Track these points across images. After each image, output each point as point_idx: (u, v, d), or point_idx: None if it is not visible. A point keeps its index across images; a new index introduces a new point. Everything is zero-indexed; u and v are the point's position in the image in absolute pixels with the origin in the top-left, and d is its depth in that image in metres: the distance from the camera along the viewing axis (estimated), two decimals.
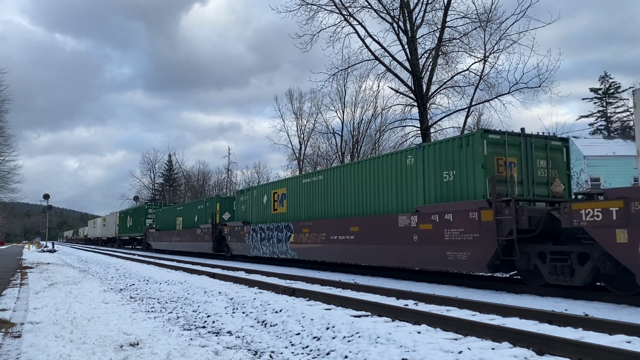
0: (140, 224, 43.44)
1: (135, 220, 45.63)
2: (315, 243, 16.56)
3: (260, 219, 21.01)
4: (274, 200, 20.08)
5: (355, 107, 41.22)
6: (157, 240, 37.81)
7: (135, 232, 45.64)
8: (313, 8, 22.78)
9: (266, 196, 20.71)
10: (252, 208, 21.86)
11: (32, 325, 7.19)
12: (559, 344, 4.94)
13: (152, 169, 73.72)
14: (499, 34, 20.53)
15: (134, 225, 46.22)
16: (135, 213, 47.15)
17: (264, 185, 21.96)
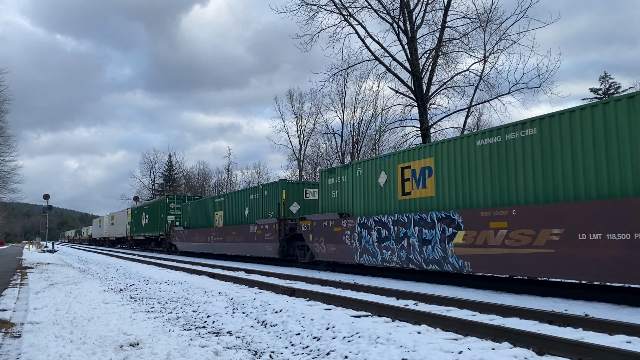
0: (160, 221, 36.08)
1: (153, 217, 38.45)
2: (524, 247, 9.57)
3: (374, 209, 14.33)
4: (402, 179, 13.37)
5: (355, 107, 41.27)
6: (187, 241, 30.51)
7: (153, 230, 38.58)
8: (313, 8, 22.83)
9: (384, 174, 14.05)
10: (355, 193, 15.21)
11: (32, 325, 7.19)
12: (559, 344, 4.94)
13: (152, 169, 73.75)
14: (499, 34, 20.60)
15: (151, 223, 39.10)
16: (152, 209, 39.52)
17: (378, 159, 14.62)
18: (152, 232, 38.57)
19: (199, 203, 30.69)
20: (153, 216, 38.44)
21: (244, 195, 23.82)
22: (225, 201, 25.97)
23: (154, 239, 38.86)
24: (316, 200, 18.53)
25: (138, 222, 43.66)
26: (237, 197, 24.75)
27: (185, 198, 35.88)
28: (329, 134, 43.89)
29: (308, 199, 20.40)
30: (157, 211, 37.33)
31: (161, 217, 36.00)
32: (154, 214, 38.34)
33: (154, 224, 37.86)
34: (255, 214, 21.96)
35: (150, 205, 41.18)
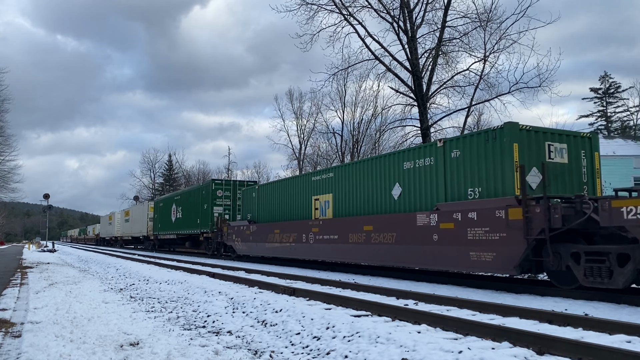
0: (203, 214, 27.06)
1: (191, 210, 29.55)
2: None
3: None
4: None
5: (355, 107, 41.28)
6: (255, 240, 21.26)
7: (189, 227, 29.39)
8: (313, 8, 22.79)
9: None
10: None
11: (32, 325, 7.19)
12: (559, 344, 4.94)
13: (152, 168, 73.68)
14: (499, 33, 20.55)
15: (187, 218, 30.17)
16: (189, 199, 30.38)
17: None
18: (188, 229, 29.73)
19: (279, 185, 20.55)
20: (190, 208, 29.68)
21: (386, 163, 13.79)
22: (341, 176, 16.00)
23: (191, 237, 30.34)
24: (566, 164, 10.88)
25: (165, 217, 34.88)
26: (370, 167, 14.54)
27: (238, 183, 27.71)
28: (329, 134, 43.94)
29: (554, 161, 10.73)
30: (197, 201, 28.36)
31: (204, 209, 27.14)
32: (191, 205, 29.58)
33: (192, 218, 29.03)
34: (424, 193, 12.39)
35: (185, 195, 31.80)
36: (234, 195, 26.70)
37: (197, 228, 28.10)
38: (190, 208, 29.85)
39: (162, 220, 35.75)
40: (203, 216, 27.23)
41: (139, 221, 43.07)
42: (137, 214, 44.55)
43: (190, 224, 29.36)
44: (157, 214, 37.37)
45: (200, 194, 28.27)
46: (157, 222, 37.29)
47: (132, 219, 46.08)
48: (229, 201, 26.69)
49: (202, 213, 27.30)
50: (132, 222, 46.29)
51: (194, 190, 30.66)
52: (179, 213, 31.87)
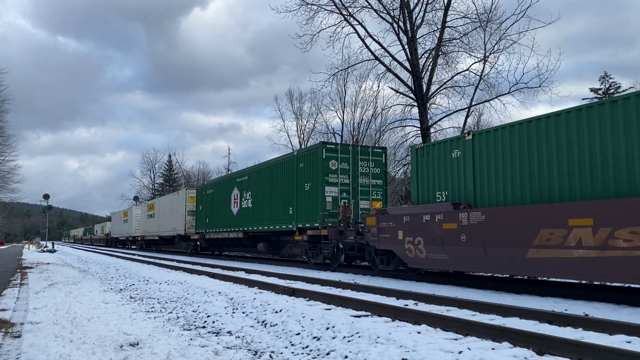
0: (303, 199, 17.82)
1: (272, 194, 19.98)
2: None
3: None
4: None
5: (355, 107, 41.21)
6: (492, 243, 9.88)
7: (271, 221, 19.94)
8: (313, 8, 22.83)
9: None
10: None
11: (32, 325, 7.19)
12: (559, 344, 4.94)
13: (152, 169, 73.53)
14: (499, 34, 20.59)
15: (265, 207, 20.60)
16: (267, 178, 20.70)
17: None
18: (267, 224, 20.01)
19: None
20: (272, 191, 19.83)
21: None
22: None
23: (272, 237, 20.71)
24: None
25: (218, 208, 25.56)
26: None
27: (360, 150, 17.44)
28: (329, 134, 43.89)
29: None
30: (288, 180, 18.77)
31: (304, 192, 17.59)
32: (274, 187, 19.76)
33: (275, 206, 19.49)
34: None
35: (258, 173, 21.44)
36: (353, 168, 16.86)
37: (289, 222, 18.30)
38: (271, 191, 19.85)
39: (213, 212, 26.16)
40: (304, 202, 17.47)
41: (170, 216, 32.75)
42: (167, 207, 34.09)
43: (272, 216, 19.62)
44: (203, 205, 27.64)
45: (294, 167, 18.33)
46: (202, 215, 27.58)
47: (160, 213, 35.75)
48: (346, 178, 16.67)
49: (302, 197, 17.62)
50: (159, 217, 35.90)
51: (279, 163, 19.60)
52: (247, 201, 22.04)
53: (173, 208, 32.80)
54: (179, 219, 31.27)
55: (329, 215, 16.07)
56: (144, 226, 42.08)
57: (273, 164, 20.49)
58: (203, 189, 28.75)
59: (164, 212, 35.04)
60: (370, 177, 17.16)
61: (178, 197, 32.33)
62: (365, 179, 17.14)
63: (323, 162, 16.67)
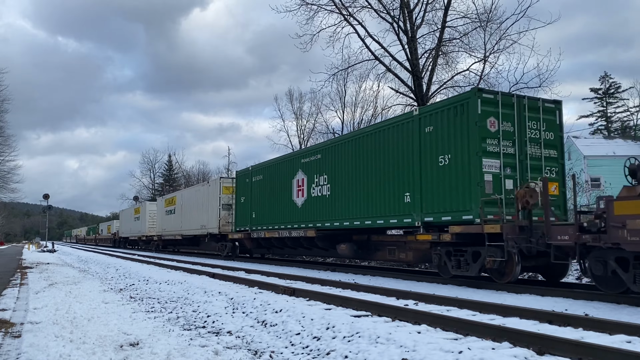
0: (432, 182, 11.79)
1: (367, 176, 14.10)
2: None
3: None
4: None
5: (355, 107, 41.18)
6: None
7: (368, 212, 13.92)
8: (313, 8, 22.76)
9: None
10: None
11: (32, 325, 7.18)
12: (559, 344, 4.94)
13: (152, 169, 73.49)
14: (499, 34, 20.52)
15: (358, 194, 14.43)
16: (353, 153, 14.80)
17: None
18: (362, 217, 14.33)
19: None
20: (376, 170, 13.81)
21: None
22: None
23: (358, 234, 15.25)
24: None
25: (271, 198, 19.75)
26: None
27: (543, 103, 11.90)
28: (329, 134, 43.87)
29: None
30: (410, 149, 12.60)
31: (440, 168, 11.67)
32: (382, 161, 13.58)
33: (382, 193, 13.50)
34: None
35: (345, 145, 15.47)
36: (519, 131, 11.40)
37: (404, 214, 12.62)
38: (365, 172, 14.11)
39: (263, 205, 20.35)
40: (435, 184, 11.79)
41: (198, 211, 27.52)
42: (194, 201, 28.69)
43: (369, 207, 13.89)
44: (247, 196, 21.87)
45: (413, 133, 12.46)
46: (245, 209, 21.97)
47: (184, 208, 30.54)
48: (510, 146, 11.22)
49: (431, 176, 11.89)
50: (182, 213, 30.68)
51: (381, 131, 13.71)
52: (320, 187, 16.31)
53: (202, 202, 27.17)
54: (210, 215, 25.58)
55: (488, 203, 10.57)
56: (161, 224, 35.88)
57: (370, 133, 14.26)
58: (246, 175, 22.28)
59: (189, 207, 29.48)
60: (541, 146, 11.59)
61: (209, 189, 26.54)
62: (536, 148, 11.52)
63: (479, 119, 10.82)
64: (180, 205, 31.65)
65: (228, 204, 24.66)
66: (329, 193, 16.02)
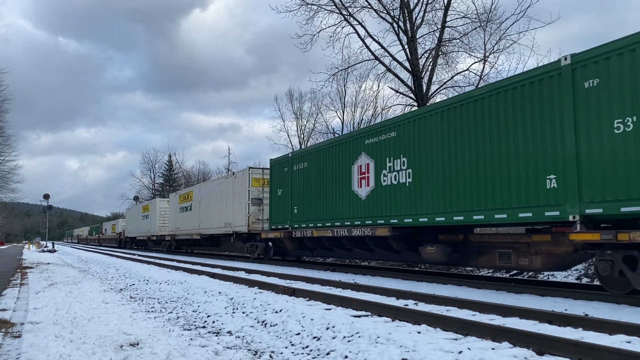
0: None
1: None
2: None
3: None
4: None
5: (355, 107, 41.18)
6: None
7: (508, 204, 9.67)
8: (313, 8, 22.79)
9: None
10: None
11: (32, 325, 7.19)
12: (559, 344, 4.94)
13: (152, 169, 73.50)
14: (499, 34, 20.53)
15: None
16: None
17: None
18: (478, 210, 10.45)
19: None
20: (502, 143, 9.98)
21: None
22: None
23: (451, 232, 12.13)
24: None
25: (320, 189, 16.32)
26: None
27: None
28: (329, 134, 43.88)
29: None
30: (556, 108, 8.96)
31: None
32: (514, 129, 9.73)
33: (516, 174, 9.60)
34: None
35: (438, 116, 11.68)
36: None
37: (550, 203, 9.08)
38: (470, 151, 10.88)
39: (309, 198, 16.86)
40: (613, 162, 8.17)
41: (222, 207, 24.21)
42: (216, 196, 25.29)
43: (476, 197, 10.65)
44: (286, 188, 18.24)
45: (558, 91, 9.09)
46: (283, 204, 18.35)
47: (202, 204, 27.24)
48: None
49: (596, 154, 8.41)
50: (201, 209, 27.28)
51: (495, 95, 10.26)
52: (396, 174, 13.09)
53: (226, 196, 23.94)
54: (237, 211, 22.24)
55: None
56: (174, 222, 32.08)
57: (476, 99, 10.82)
58: (284, 164, 18.32)
59: (209, 203, 26.14)
60: None
61: (235, 182, 23.01)
62: None
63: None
64: (197, 201, 28.12)
65: (258, 198, 21.40)
66: (409, 180, 12.59)
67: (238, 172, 23.77)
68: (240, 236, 22.62)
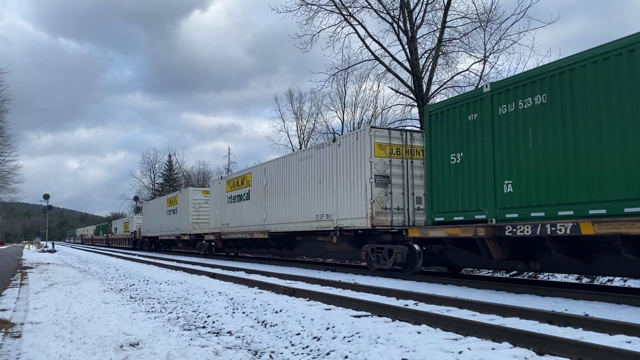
0: None
1: None
2: None
3: None
4: None
5: (355, 108, 41.18)
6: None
7: None
8: (313, 8, 22.82)
9: None
10: None
11: (32, 325, 7.19)
12: (559, 344, 4.94)
13: (152, 169, 73.47)
14: (499, 34, 20.56)
15: None
16: None
17: None
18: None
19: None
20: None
21: None
22: None
23: None
24: None
25: (586, 139, 8.43)
26: None
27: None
28: (329, 134, 43.87)
29: None
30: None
31: None
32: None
33: None
34: None
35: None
36: None
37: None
38: None
39: (540, 162, 9.27)
40: None
41: (311, 192, 16.99)
42: (297, 175, 18.05)
43: None
44: (468, 150, 10.81)
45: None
46: (462, 177, 10.91)
47: (272, 189, 19.84)
48: None
49: None
50: (268, 197, 20.14)
51: None
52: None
53: (321, 175, 16.45)
54: (345, 196, 15.10)
55: None
56: (220, 216, 24.69)
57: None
58: (462, 106, 11.06)
59: (285, 187, 18.65)
60: None
61: (340, 151, 15.52)
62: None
63: None
64: (260, 186, 20.60)
65: (383, 175, 14.18)
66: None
67: (348, 135, 15.74)
68: (350, 234, 14.94)
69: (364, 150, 14.31)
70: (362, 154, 14.39)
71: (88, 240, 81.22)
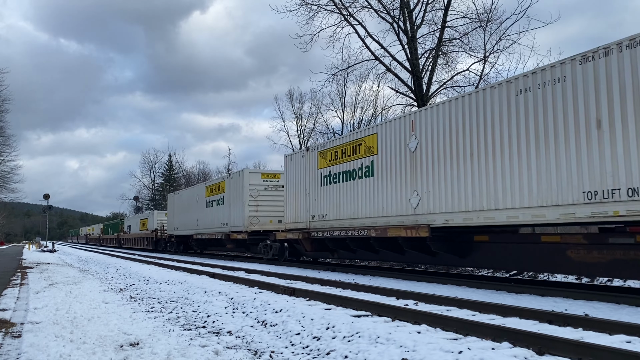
0: None
1: None
2: None
3: None
4: None
5: (355, 107, 41.17)
6: None
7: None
8: (313, 8, 22.81)
9: None
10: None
11: (32, 325, 7.19)
12: (559, 344, 4.94)
13: (152, 169, 73.47)
14: (499, 34, 20.55)
15: None
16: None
17: None
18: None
19: None
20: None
21: None
22: None
23: None
24: None
25: None
26: None
27: None
28: (329, 134, 43.86)
29: None
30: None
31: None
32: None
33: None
34: None
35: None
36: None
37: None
38: None
39: None
40: None
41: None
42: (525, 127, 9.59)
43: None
44: None
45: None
46: None
47: (425, 152, 11.87)
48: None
49: None
50: (414, 171, 12.19)
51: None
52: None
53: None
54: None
55: None
56: (307, 206, 17.12)
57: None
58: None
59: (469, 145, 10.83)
60: None
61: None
62: None
63: None
64: (399, 153, 12.92)
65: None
66: None
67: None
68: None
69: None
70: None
71: (94, 241, 72.83)
